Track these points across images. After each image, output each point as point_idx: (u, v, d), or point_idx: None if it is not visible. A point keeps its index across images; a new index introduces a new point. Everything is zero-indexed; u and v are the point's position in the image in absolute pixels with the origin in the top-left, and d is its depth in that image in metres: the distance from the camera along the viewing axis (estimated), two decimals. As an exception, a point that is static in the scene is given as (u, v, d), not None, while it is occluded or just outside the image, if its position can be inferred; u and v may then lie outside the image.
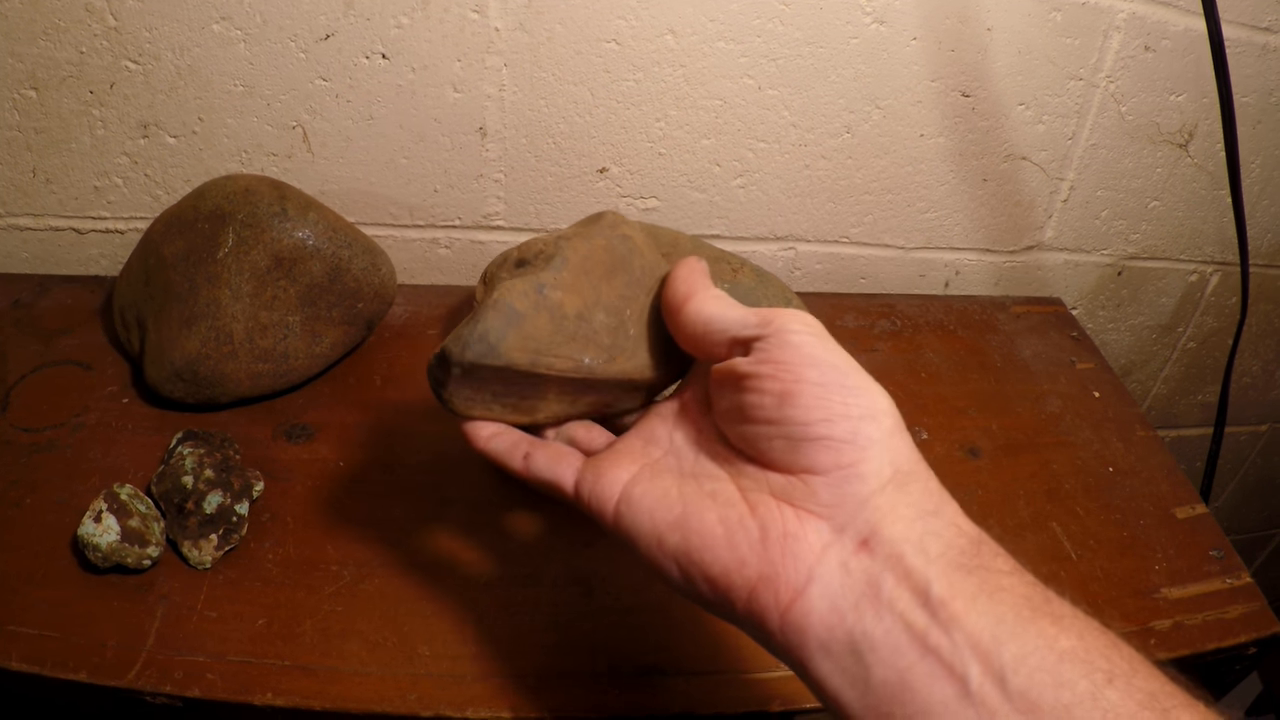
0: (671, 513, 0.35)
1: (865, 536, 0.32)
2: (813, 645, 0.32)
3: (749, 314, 0.37)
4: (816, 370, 0.34)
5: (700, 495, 0.36)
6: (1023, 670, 0.29)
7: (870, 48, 0.76)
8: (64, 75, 0.69)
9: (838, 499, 0.33)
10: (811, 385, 0.34)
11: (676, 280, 0.39)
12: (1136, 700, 0.28)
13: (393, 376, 0.71)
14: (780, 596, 0.32)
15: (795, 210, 0.85)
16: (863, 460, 0.33)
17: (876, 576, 0.31)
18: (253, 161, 0.75)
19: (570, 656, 0.53)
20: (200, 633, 0.51)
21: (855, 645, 0.31)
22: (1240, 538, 1.40)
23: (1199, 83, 0.84)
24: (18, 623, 0.50)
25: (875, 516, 0.32)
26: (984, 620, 0.30)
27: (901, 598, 0.31)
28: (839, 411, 0.33)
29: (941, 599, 0.30)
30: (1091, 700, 0.28)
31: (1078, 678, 0.28)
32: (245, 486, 0.58)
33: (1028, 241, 0.93)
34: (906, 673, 0.30)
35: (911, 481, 0.33)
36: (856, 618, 0.31)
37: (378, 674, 0.50)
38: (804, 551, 0.32)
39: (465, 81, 0.73)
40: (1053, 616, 0.30)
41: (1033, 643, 0.29)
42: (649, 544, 0.36)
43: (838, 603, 0.31)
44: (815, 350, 0.35)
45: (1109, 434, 0.75)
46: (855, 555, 0.32)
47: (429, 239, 0.82)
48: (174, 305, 0.63)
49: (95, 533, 0.52)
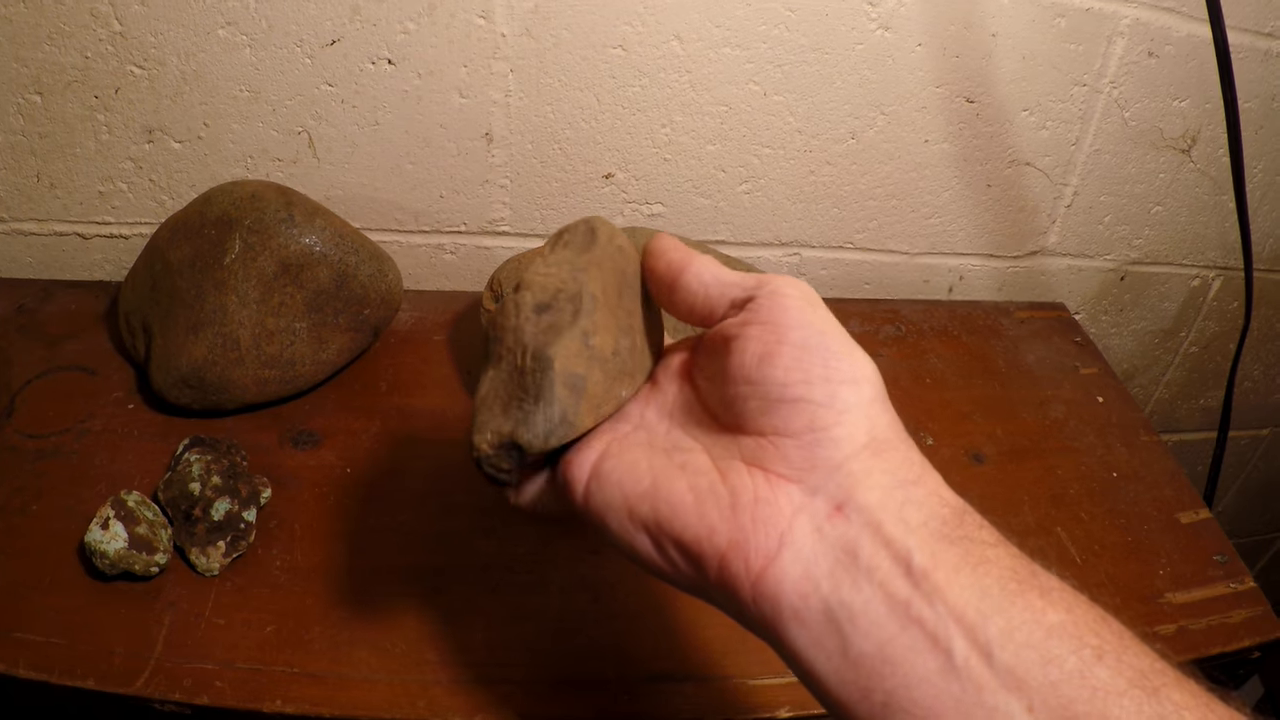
0: (640, 484, 0.34)
1: (840, 502, 0.31)
2: (786, 614, 0.30)
3: (746, 275, 0.36)
4: (800, 332, 0.33)
5: (670, 466, 0.34)
6: (1010, 645, 0.28)
7: (875, 54, 0.76)
8: (69, 80, 0.69)
9: (809, 462, 0.32)
10: (793, 347, 0.33)
11: (665, 253, 0.38)
12: (1127, 678, 0.27)
13: (399, 383, 0.71)
14: (751, 563, 0.31)
15: (800, 216, 0.85)
16: (837, 424, 0.32)
17: (853, 543, 0.30)
18: (258, 167, 0.75)
19: (578, 663, 0.53)
20: (208, 640, 0.51)
21: (832, 615, 0.30)
22: (1242, 541, 1.40)
23: (1202, 88, 0.84)
24: (25, 630, 0.50)
25: (849, 482, 0.31)
26: (969, 593, 0.29)
27: (881, 566, 0.30)
28: (819, 374, 0.32)
29: (924, 569, 0.29)
30: (1080, 677, 0.27)
31: (1066, 654, 0.27)
32: (253, 493, 0.58)
33: (1031, 247, 0.93)
34: (887, 645, 0.29)
35: (889, 450, 0.32)
36: (832, 586, 0.30)
37: (386, 681, 0.50)
38: (775, 516, 0.31)
39: (471, 87, 0.73)
40: (1040, 589, 0.29)
41: (1020, 616, 0.28)
42: (619, 517, 0.34)
43: (811, 569, 0.30)
44: (802, 313, 0.34)
45: (1113, 439, 0.75)
46: (829, 520, 0.31)
47: (434, 244, 0.82)
48: (180, 311, 0.63)
49: (102, 539, 0.52)
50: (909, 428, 0.35)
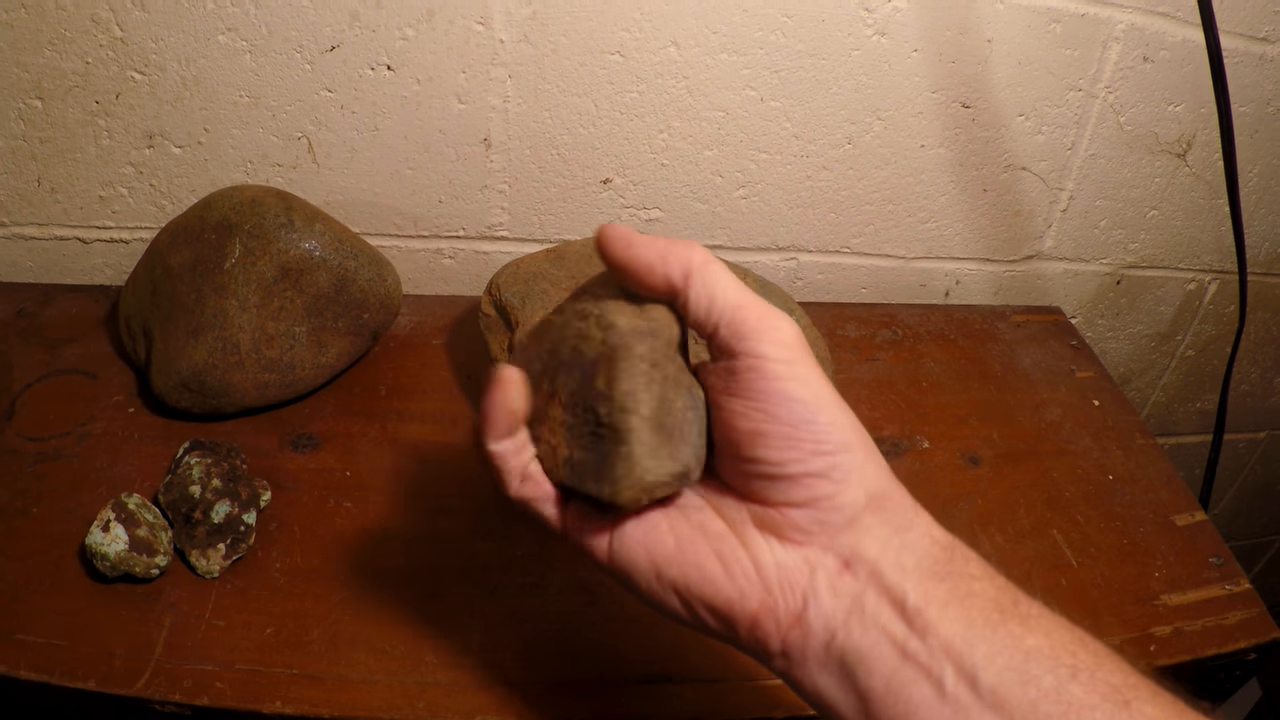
0: (665, 547, 0.36)
1: (847, 558, 0.34)
2: (811, 663, 0.34)
3: (739, 306, 0.35)
4: (785, 408, 0.34)
5: (690, 529, 0.36)
6: (992, 669, 0.31)
7: (871, 60, 0.77)
8: (69, 85, 0.70)
9: (818, 526, 0.34)
10: (781, 425, 0.34)
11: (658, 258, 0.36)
12: (1099, 693, 0.30)
13: (398, 386, 0.72)
14: (781, 623, 0.34)
15: (797, 221, 0.86)
16: (838, 493, 0.34)
17: (860, 594, 0.33)
18: (258, 172, 0.75)
19: (576, 664, 0.53)
20: (208, 642, 0.51)
21: (845, 659, 0.33)
22: (1240, 544, 1.40)
23: (1197, 93, 0.84)
24: (26, 632, 0.50)
25: (853, 540, 0.34)
26: (956, 625, 0.32)
27: (882, 612, 0.33)
28: (810, 450, 0.34)
29: (917, 608, 0.32)
30: (1056, 695, 0.30)
31: (1043, 674, 0.30)
32: (253, 496, 0.58)
33: (1027, 251, 0.94)
34: (890, 679, 0.32)
35: (885, 502, 0.35)
36: (846, 634, 0.33)
37: (385, 682, 0.50)
38: (796, 579, 0.34)
39: (470, 93, 0.73)
40: (1020, 617, 0.32)
41: (1001, 643, 0.31)
42: (648, 579, 0.36)
43: (829, 622, 0.33)
44: (784, 387, 0.34)
45: (1109, 442, 0.76)
46: (840, 577, 0.34)
47: (433, 249, 0.83)
48: (181, 315, 0.64)
49: (103, 542, 0.52)
50: (905, 431, 0.36)
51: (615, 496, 0.35)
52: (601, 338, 0.35)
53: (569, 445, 0.36)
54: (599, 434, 0.35)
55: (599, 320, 0.36)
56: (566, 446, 0.37)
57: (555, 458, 0.37)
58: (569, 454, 0.36)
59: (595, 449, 0.36)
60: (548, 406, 0.37)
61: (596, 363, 0.35)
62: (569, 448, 0.36)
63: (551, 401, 0.37)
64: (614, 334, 0.35)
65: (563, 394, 0.37)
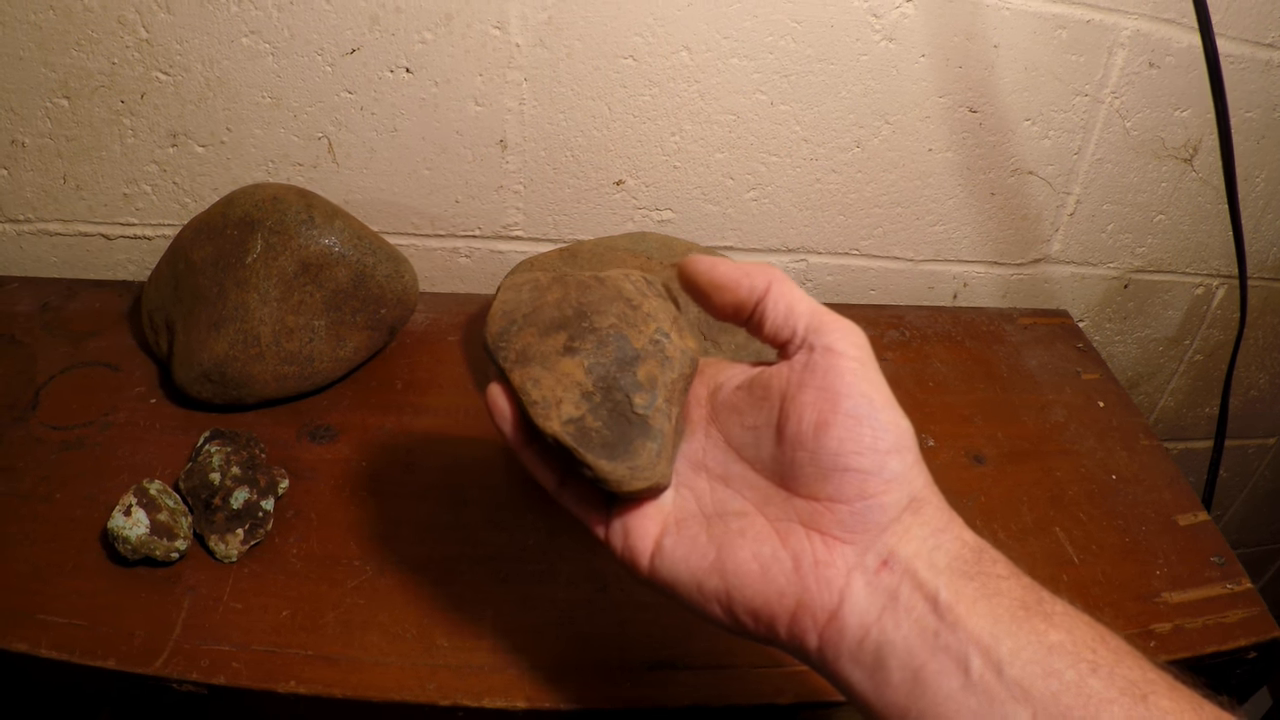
0: (706, 559, 0.38)
1: (885, 557, 0.35)
2: (846, 657, 0.35)
3: (818, 310, 0.39)
4: (852, 401, 0.36)
5: (730, 535, 0.38)
6: (1017, 662, 0.32)
7: (880, 64, 0.78)
8: (96, 85, 0.71)
9: (861, 525, 0.36)
10: (846, 416, 0.36)
11: (742, 273, 0.40)
12: (1118, 687, 0.31)
13: (414, 381, 0.73)
14: (818, 619, 0.35)
15: (806, 223, 0.87)
16: (885, 492, 0.36)
17: (895, 590, 0.35)
18: (279, 171, 0.77)
19: (584, 650, 0.54)
20: (226, 623, 0.53)
21: (879, 651, 0.34)
22: (1249, 550, 1.39)
23: (1203, 98, 0.85)
24: (48, 612, 0.52)
25: (893, 540, 0.36)
26: (984, 620, 0.33)
27: (916, 606, 0.34)
28: (868, 445, 0.36)
29: (948, 604, 0.34)
30: (1077, 688, 0.31)
31: (1065, 668, 0.32)
32: (271, 484, 0.59)
33: (1035, 254, 0.94)
34: (920, 670, 0.33)
35: (924, 506, 0.37)
36: (879, 628, 0.34)
37: (397, 664, 0.52)
38: (834, 576, 0.36)
39: (486, 95, 0.75)
40: (1044, 614, 0.34)
41: (1025, 638, 0.33)
42: (690, 590, 0.38)
43: (864, 618, 0.35)
44: (856, 380, 0.37)
45: (1113, 443, 0.76)
46: (877, 574, 0.35)
47: (450, 248, 0.84)
48: (202, 308, 0.65)
49: (125, 526, 0.54)
50: (913, 430, 0.37)
51: (629, 481, 0.38)
52: (658, 340, 0.41)
53: (578, 407, 0.39)
54: (628, 418, 0.38)
55: (660, 328, 0.41)
56: (575, 407, 0.38)
57: (556, 410, 0.39)
58: (578, 415, 0.38)
59: (616, 428, 0.38)
60: (559, 359, 0.40)
61: (642, 359, 0.40)
62: (578, 409, 0.38)
63: (568, 357, 0.40)
64: (670, 345, 0.41)
65: (587, 361, 0.40)
